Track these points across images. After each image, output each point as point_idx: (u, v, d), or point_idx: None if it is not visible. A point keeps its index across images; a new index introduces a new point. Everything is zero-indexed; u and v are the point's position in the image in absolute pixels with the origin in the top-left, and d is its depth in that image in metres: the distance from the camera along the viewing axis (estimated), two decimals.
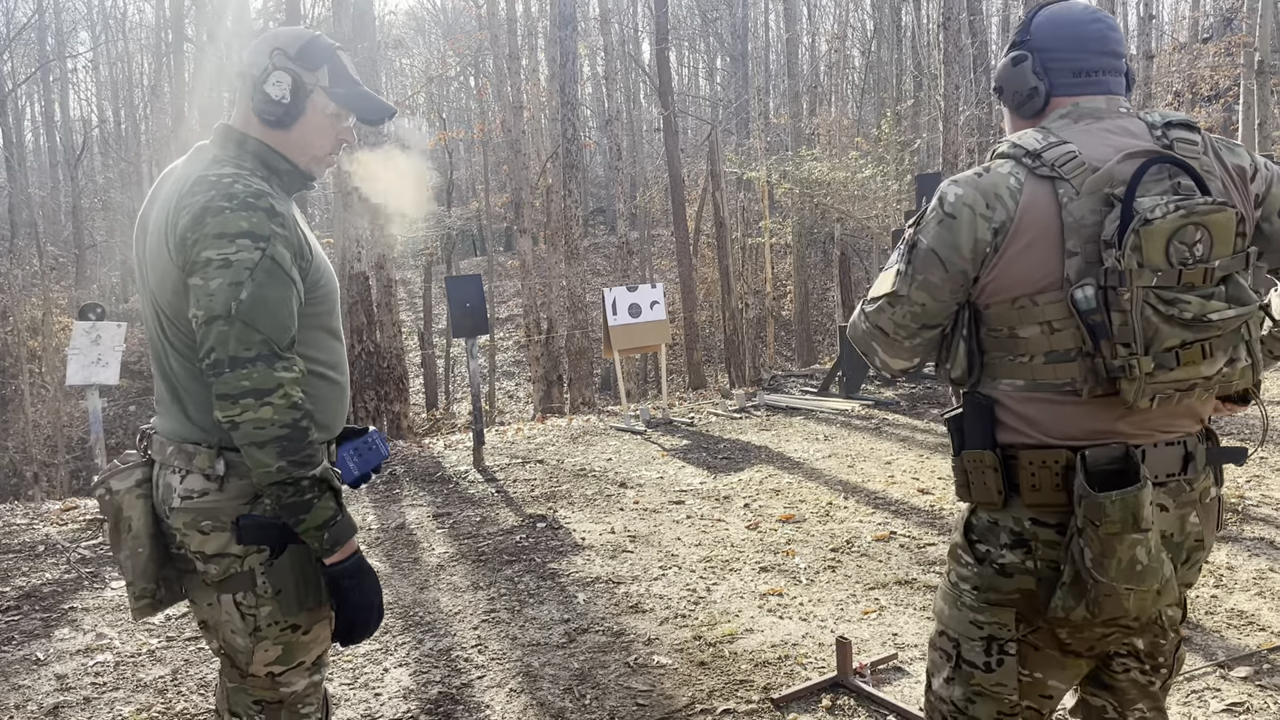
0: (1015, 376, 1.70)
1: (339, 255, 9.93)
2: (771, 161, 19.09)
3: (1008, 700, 1.77)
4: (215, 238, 1.78)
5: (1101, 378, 1.61)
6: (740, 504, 5.65)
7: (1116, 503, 1.55)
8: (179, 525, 1.91)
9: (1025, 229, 1.63)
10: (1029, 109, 1.77)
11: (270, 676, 1.96)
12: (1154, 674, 1.82)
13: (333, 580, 1.89)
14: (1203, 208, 1.55)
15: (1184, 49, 23.94)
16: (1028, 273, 1.64)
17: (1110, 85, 1.74)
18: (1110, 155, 1.62)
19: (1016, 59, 1.77)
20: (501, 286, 27.17)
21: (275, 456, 1.76)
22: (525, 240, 15.50)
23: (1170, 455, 1.68)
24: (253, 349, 1.77)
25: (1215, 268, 1.56)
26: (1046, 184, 1.63)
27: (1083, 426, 1.66)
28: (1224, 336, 1.58)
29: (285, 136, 1.97)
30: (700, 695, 3.31)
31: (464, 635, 3.94)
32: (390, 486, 6.54)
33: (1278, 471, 5.53)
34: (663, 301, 8.65)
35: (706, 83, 37.19)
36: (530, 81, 20.47)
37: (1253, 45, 16.29)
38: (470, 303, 7.05)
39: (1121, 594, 1.58)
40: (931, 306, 1.73)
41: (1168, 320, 1.55)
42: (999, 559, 1.73)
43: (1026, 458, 1.67)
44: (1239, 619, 3.67)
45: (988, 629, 1.76)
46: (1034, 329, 1.66)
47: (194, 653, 3.87)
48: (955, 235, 1.67)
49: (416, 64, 34.16)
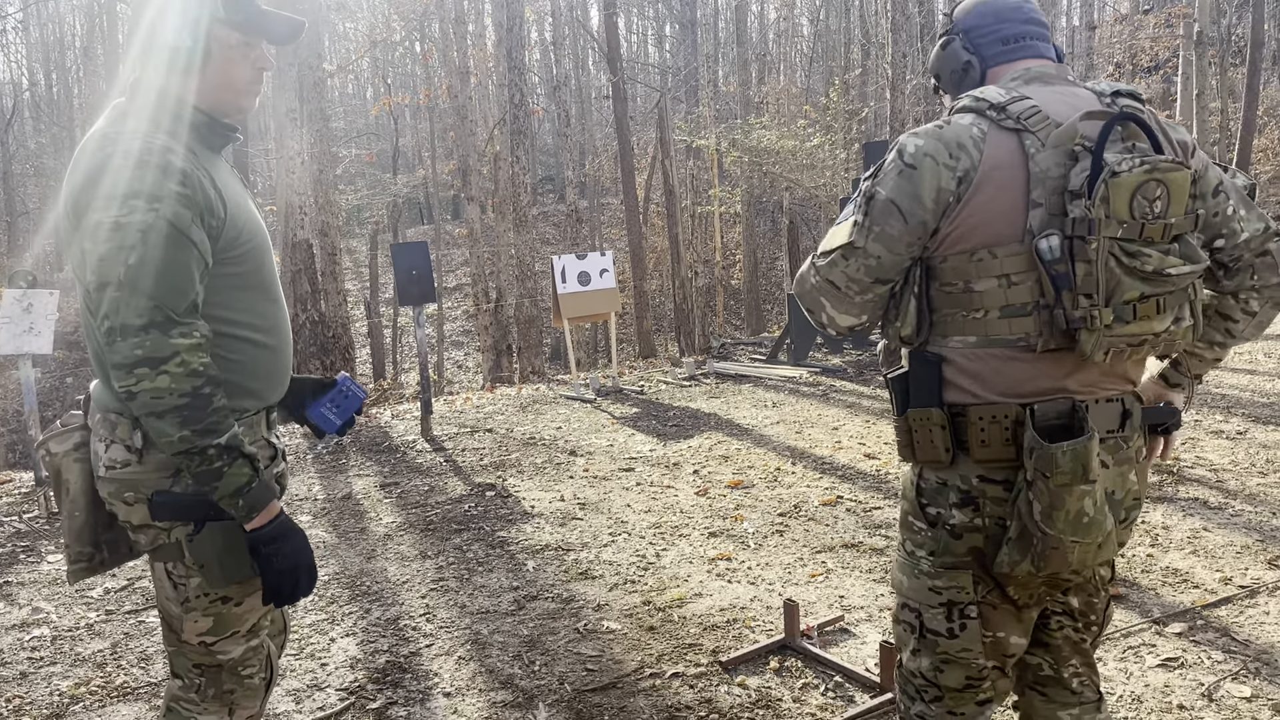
0: (967, 333, 1.71)
1: (282, 222, 9.73)
2: (721, 130, 19.06)
3: (975, 665, 1.79)
4: (107, 199, 1.69)
5: (1059, 330, 1.64)
6: (690, 470, 5.67)
7: (1068, 453, 1.58)
8: (105, 494, 1.87)
9: (989, 179, 1.65)
10: (967, 83, 1.82)
11: (203, 644, 1.93)
12: (1086, 631, 1.88)
13: (254, 545, 1.83)
14: (1164, 165, 1.59)
15: (1125, 20, 24.25)
16: (990, 224, 1.66)
17: (1040, 49, 1.80)
18: (1069, 113, 1.66)
19: (945, 43, 1.85)
20: (449, 255, 26.89)
21: (176, 426, 1.70)
22: (473, 208, 15.32)
23: (1110, 411, 1.71)
24: (145, 316, 1.68)
25: (1171, 224, 1.61)
26: (1012, 135, 1.65)
27: (1032, 383, 1.69)
28: (1175, 294, 1.63)
29: (202, 81, 1.85)
30: (649, 659, 3.33)
31: (412, 604, 3.91)
32: (336, 457, 6.46)
33: (1212, 434, 5.67)
34: (612, 270, 8.62)
35: (655, 50, 36.94)
36: (477, 47, 20.17)
37: (1192, 16, 16.54)
38: (417, 270, 6.95)
39: (1067, 546, 1.62)
40: (886, 259, 1.72)
41: (1129, 272, 1.58)
42: (949, 520, 1.75)
43: (976, 414, 1.69)
44: (1174, 577, 3.76)
45: (946, 594, 1.78)
46: (991, 282, 1.67)
47: (134, 626, 3.80)
48: (916, 185, 1.67)
49: (360, 28, 33.45)
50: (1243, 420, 5.91)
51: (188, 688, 1.98)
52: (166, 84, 1.84)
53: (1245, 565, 3.82)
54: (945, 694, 1.83)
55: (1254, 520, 4.28)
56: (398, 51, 28.90)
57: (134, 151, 1.72)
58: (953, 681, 1.82)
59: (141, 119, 1.79)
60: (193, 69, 1.84)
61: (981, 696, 1.83)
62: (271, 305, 1.96)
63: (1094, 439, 1.60)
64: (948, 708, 1.84)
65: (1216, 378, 7.06)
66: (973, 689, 1.82)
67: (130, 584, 4.22)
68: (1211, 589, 3.63)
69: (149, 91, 1.84)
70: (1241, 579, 3.70)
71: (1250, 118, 21.52)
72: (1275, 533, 4.12)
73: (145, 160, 1.71)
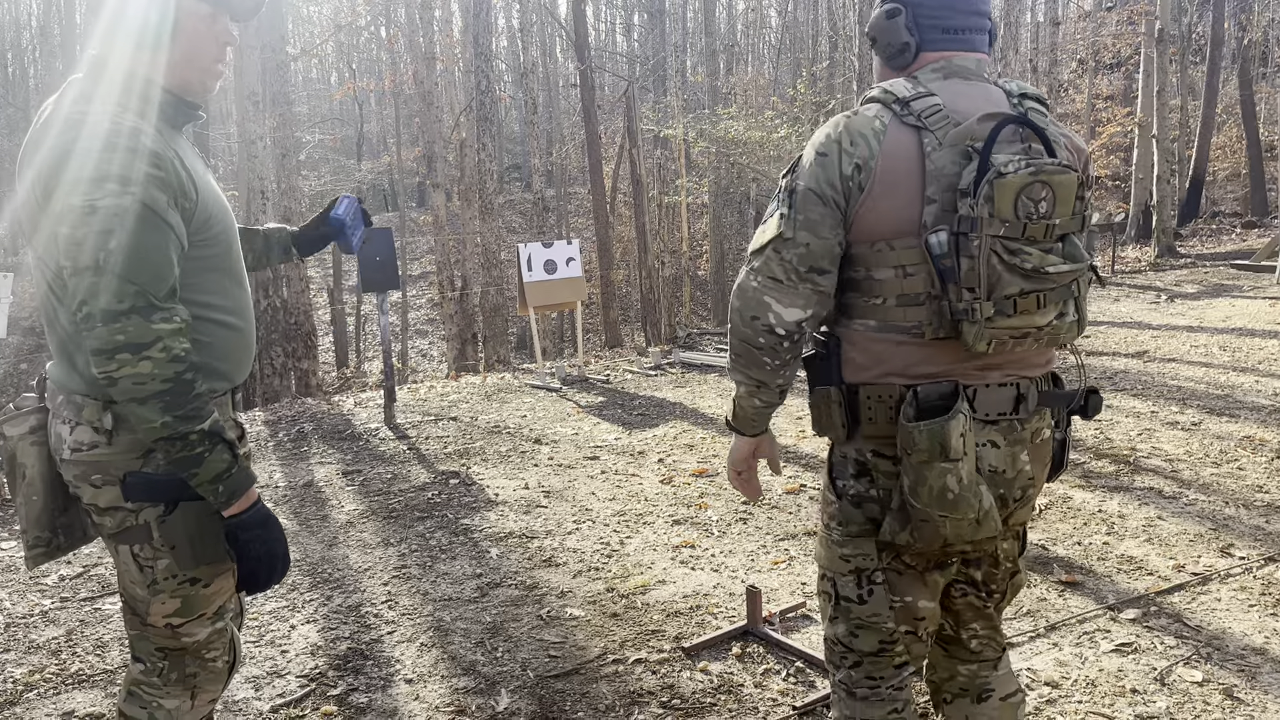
0: (868, 317, 1.79)
1: (243, 208, 9.62)
2: (688, 120, 19.04)
3: (886, 629, 1.89)
4: (80, 182, 1.66)
5: (945, 320, 1.72)
6: (654, 459, 5.68)
7: (924, 432, 1.67)
8: (70, 477, 1.84)
9: (888, 173, 1.71)
10: (899, 61, 1.85)
11: (170, 627, 1.91)
12: (988, 599, 1.98)
13: (231, 532, 1.82)
14: (1050, 168, 1.66)
15: (1089, 17, 24.53)
16: (889, 216, 1.72)
17: (976, 43, 1.84)
18: (972, 112, 1.72)
19: (891, 12, 1.84)
20: (415, 243, 26.69)
21: (159, 412, 1.68)
22: (439, 195, 15.22)
23: (1002, 395, 1.78)
24: (126, 301, 1.65)
25: (1055, 225, 1.68)
26: (912, 132, 1.72)
27: (921, 367, 1.77)
28: (1057, 290, 1.70)
29: (170, 58, 1.82)
30: (612, 646, 3.33)
31: (374, 591, 3.89)
32: (298, 444, 6.40)
33: (1168, 425, 5.77)
34: (579, 259, 8.59)
35: (624, 39, 36.85)
36: (443, 32, 19.99)
37: (1154, 14, 16.75)
38: (380, 257, 6.89)
39: (936, 520, 1.70)
40: (815, 245, 1.76)
41: (1010, 269, 1.65)
42: (849, 490, 1.87)
43: (865, 392, 1.79)
44: (1129, 564, 3.83)
45: (854, 561, 1.89)
46: (889, 272, 1.75)
47: (89, 613, 3.74)
48: (828, 171, 1.74)
49: (325, 11, 33.06)
50: (1197, 412, 6.01)
51: (150, 671, 1.97)
52: (133, 61, 1.80)
53: (1198, 553, 3.90)
54: (863, 659, 1.92)
55: (1207, 509, 4.36)
56: (363, 36, 28.61)
57: (103, 133, 1.69)
58: (867, 646, 1.91)
59: (109, 98, 1.76)
60: (161, 45, 1.80)
61: (897, 660, 1.92)
62: (239, 287, 1.96)
63: (954, 420, 1.67)
64: (866, 672, 1.93)
65: (1173, 369, 7.19)
66: (886, 653, 1.91)
67: (86, 570, 4.16)
68: (1165, 576, 3.70)
69: (114, 69, 1.80)
70: (1194, 566, 3.77)
71: (1209, 115, 21.87)
72: (1227, 522, 4.21)
73: (115, 142, 1.68)
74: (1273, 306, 9.76)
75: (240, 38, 2.20)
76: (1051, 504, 4.51)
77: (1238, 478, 4.76)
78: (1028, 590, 3.60)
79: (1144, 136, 17.21)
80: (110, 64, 1.80)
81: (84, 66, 1.82)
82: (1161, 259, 15.21)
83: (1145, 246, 16.71)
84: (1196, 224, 20.87)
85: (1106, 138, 22.94)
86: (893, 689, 1.94)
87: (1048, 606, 3.48)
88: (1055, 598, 3.55)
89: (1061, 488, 4.72)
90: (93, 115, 1.72)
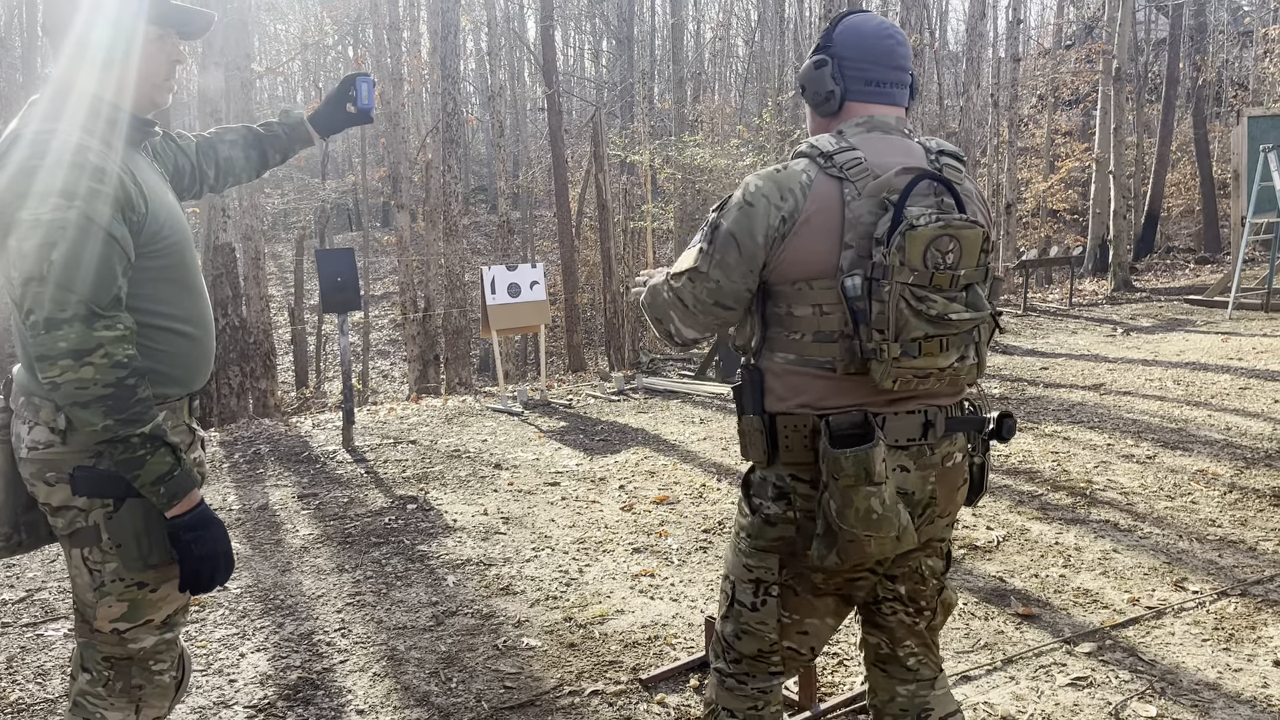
0: (788, 351, 1.91)
1: (204, 225, 9.50)
2: (655, 146, 19.13)
3: (768, 639, 2.04)
4: (27, 197, 1.74)
5: (856, 358, 1.85)
6: (615, 486, 5.65)
7: (850, 458, 1.78)
8: (27, 475, 1.91)
9: (811, 220, 1.84)
10: (826, 109, 1.99)
11: (116, 633, 1.94)
12: (918, 616, 2.09)
13: (174, 533, 1.87)
14: (958, 223, 1.80)
15: (1048, 54, 25.03)
16: (810, 259, 1.85)
17: (896, 97, 1.98)
18: (891, 166, 1.85)
19: (818, 63, 1.97)
20: (378, 263, 26.53)
21: (100, 416, 1.75)
22: (403, 216, 15.15)
23: (910, 422, 1.90)
24: (68, 309, 1.73)
25: (960, 275, 1.82)
26: (835, 183, 1.85)
27: (832, 399, 1.90)
28: (960, 335, 1.84)
29: (122, 76, 1.90)
30: (569, 677, 3.29)
31: (327, 619, 3.82)
32: (254, 466, 6.30)
33: (1124, 458, 5.83)
34: (543, 282, 8.57)
35: (592, 64, 37.01)
36: (411, 54, 19.98)
37: (1111, 53, 17.11)
38: (342, 277, 6.82)
39: (862, 540, 1.81)
40: (725, 285, 1.91)
41: (916, 314, 1.78)
42: (766, 509, 1.98)
43: (782, 421, 1.91)
44: (1085, 597, 3.85)
45: (756, 572, 2.02)
46: (808, 309, 1.88)
47: (31, 640, 3.64)
48: (752, 221, 1.87)
49: (292, 30, 32.93)
50: (1152, 445, 6.09)
51: (95, 681, 1.98)
52: (87, 80, 1.89)
53: (1153, 587, 3.93)
54: (741, 659, 2.09)
55: (1161, 543, 4.41)
56: (330, 55, 28.49)
57: (56, 151, 1.77)
58: (747, 649, 2.07)
59: (66, 119, 1.83)
60: (113, 64, 1.89)
61: (773, 669, 2.08)
62: (194, 297, 2.02)
63: (877, 447, 1.78)
64: (743, 670, 2.10)
65: (1129, 403, 7.29)
66: (764, 659, 2.06)
67: (29, 595, 4.05)
68: (1120, 609, 3.72)
69: (68, 88, 1.88)
70: (1149, 600, 3.80)
71: (1164, 152, 22.36)
72: (1181, 555, 4.25)
73: (67, 159, 1.77)
74: (1225, 341, 9.95)
75: (205, 54, 2.27)
76: (1009, 536, 4.54)
77: (1191, 511, 4.82)
78: (985, 622, 3.61)
79: (1101, 172, 17.53)
80: (64, 83, 1.89)
81: (47, 88, 1.89)
82: (1118, 292, 15.47)
83: (1102, 280, 16.98)
84: (1152, 259, 21.28)
85: (1065, 172, 23.38)
86: (758, 690, 2.10)
87: (1005, 639, 3.49)
88: (1013, 630, 3.56)
89: (1019, 519, 4.75)
90: (44, 134, 1.80)
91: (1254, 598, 3.78)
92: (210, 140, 2.33)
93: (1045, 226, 24.00)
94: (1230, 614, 3.64)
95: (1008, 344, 10.54)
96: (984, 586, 3.97)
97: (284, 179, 26.81)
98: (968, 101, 18.06)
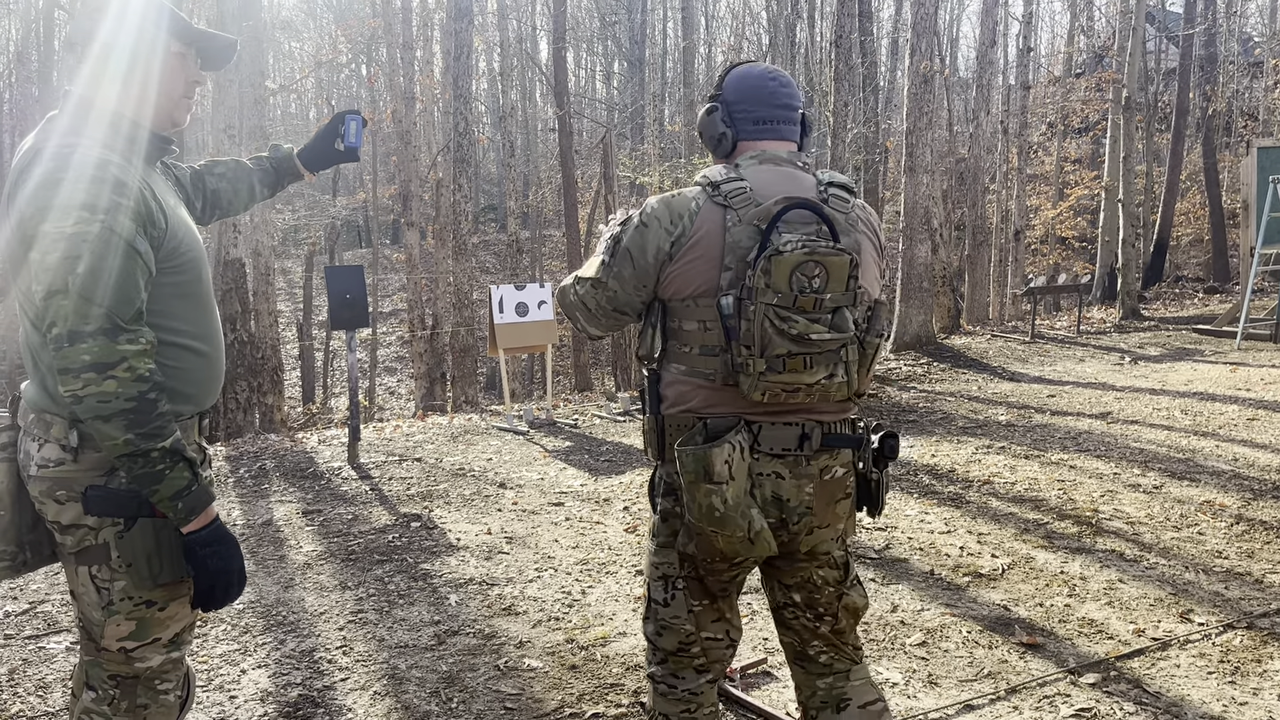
0: (680, 362, 2.08)
1: (214, 240, 9.55)
2: (665, 168, 19.20)
3: (684, 630, 2.17)
4: (50, 210, 1.75)
5: (729, 371, 1.99)
6: (620, 507, 5.64)
7: (690, 455, 1.93)
8: (36, 493, 1.90)
9: (697, 244, 2.01)
10: (721, 150, 2.16)
11: (123, 651, 1.93)
12: (819, 621, 2.21)
13: (190, 548, 1.87)
14: (824, 249, 1.93)
15: (1058, 82, 25.10)
16: (695, 278, 2.02)
17: (785, 133, 2.14)
18: (776, 195, 2.00)
19: (710, 109, 2.15)
20: (386, 280, 26.61)
21: (122, 429, 1.75)
22: (413, 234, 15.21)
23: (786, 433, 2.04)
24: (92, 323, 1.74)
25: (826, 299, 1.95)
26: (720, 210, 2.01)
27: (715, 407, 2.04)
28: (824, 354, 1.96)
29: (142, 94, 1.92)
30: (570, 699, 3.28)
31: (329, 636, 3.81)
32: (259, 481, 6.31)
33: (1130, 487, 5.81)
34: (551, 301, 8.58)
35: (603, 86, 37.23)
36: (424, 73, 20.11)
37: (1121, 82, 17.15)
38: (351, 294, 6.85)
39: (708, 535, 1.96)
40: (621, 295, 2.10)
41: (779, 333, 1.92)
42: (661, 505, 2.15)
43: (669, 422, 2.08)
44: (1089, 628, 3.83)
45: (662, 568, 2.18)
46: (694, 325, 2.04)
47: (33, 652, 3.64)
48: (645, 240, 2.05)
49: (306, 48, 33.21)
50: (1159, 475, 6.07)
51: (100, 700, 1.97)
52: (107, 96, 1.91)
53: (1158, 618, 3.91)
54: (667, 657, 2.20)
55: (1167, 574, 4.39)
56: (343, 74, 28.71)
57: (78, 165, 1.78)
58: (668, 644, 2.19)
59: (88, 134, 1.85)
60: (133, 80, 1.91)
61: (697, 662, 2.19)
62: (208, 314, 2.04)
63: (718, 448, 1.92)
64: (671, 669, 2.21)
65: (1136, 432, 7.26)
66: (685, 653, 2.18)
67: (32, 608, 4.05)
68: (1125, 640, 3.70)
69: (88, 104, 1.90)
70: (1154, 631, 3.78)
71: (1174, 181, 22.36)
72: (1187, 587, 4.22)
73: (89, 173, 1.78)
74: (1233, 372, 9.91)
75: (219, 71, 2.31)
76: (1014, 564, 4.52)
77: (1198, 542, 4.79)
78: (989, 651, 3.59)
79: (1110, 200, 17.54)
80: (85, 99, 1.90)
81: (68, 102, 1.91)
82: (1126, 321, 15.45)
83: (1110, 308, 16.96)
84: (1160, 287, 21.24)
85: (1074, 199, 23.40)
86: (689, 692, 2.20)
87: (1009, 669, 3.47)
88: (1016, 660, 3.54)
89: (1024, 548, 4.73)
90: (70, 149, 1.81)
91: (1261, 630, 3.75)
92: (200, 172, 2.35)
93: (1054, 253, 24.02)
94: (1236, 647, 3.62)
95: (1015, 370, 10.53)
96: (988, 615, 3.95)
97: (295, 195, 26.94)
98: (977, 128, 18.11)
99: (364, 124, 2.51)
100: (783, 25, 26.80)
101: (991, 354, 11.69)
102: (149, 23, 1.91)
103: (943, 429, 7.64)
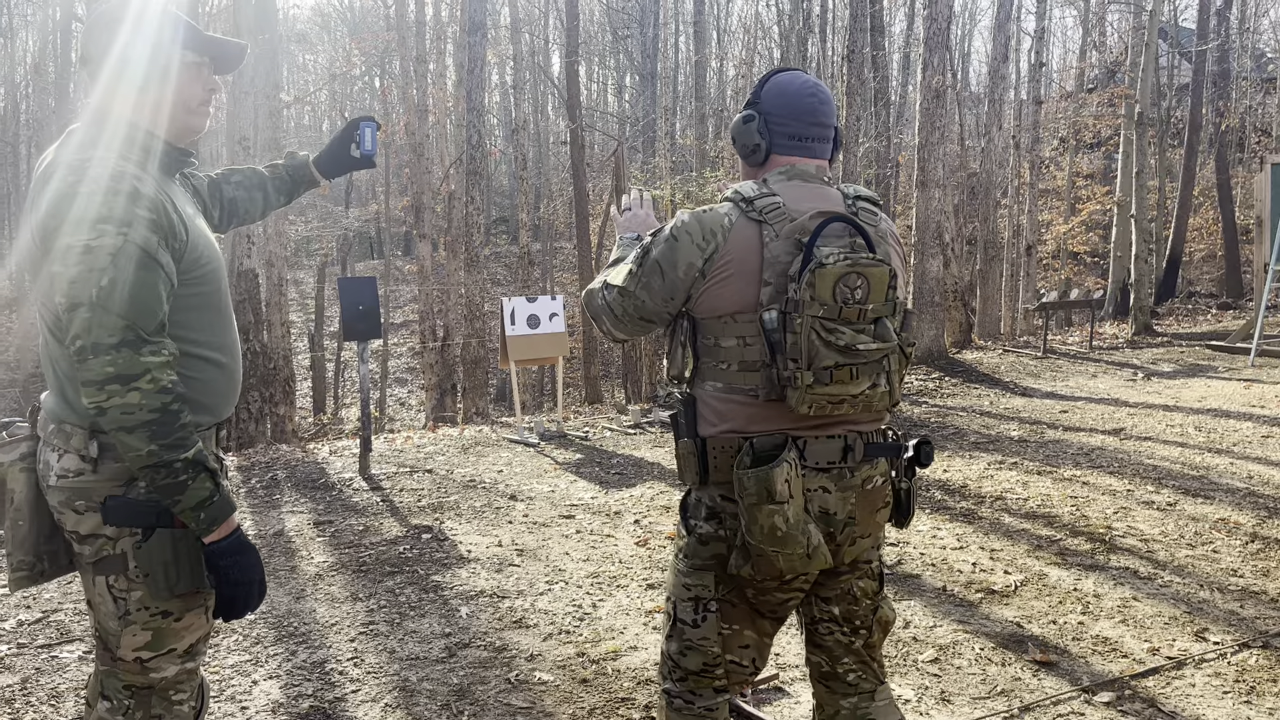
0: (717, 379, 2.06)
1: (228, 251, 9.60)
2: (676, 181, 19.23)
3: (711, 652, 2.15)
4: (75, 223, 1.76)
5: (774, 385, 1.98)
6: (631, 520, 5.64)
7: (752, 477, 1.91)
8: (55, 503, 1.91)
9: (732, 260, 2.00)
10: (753, 160, 2.15)
11: (139, 661, 1.94)
12: (854, 635, 2.20)
13: (211, 558, 1.88)
14: (865, 261, 1.95)
15: (1070, 97, 25.06)
16: (732, 295, 2.01)
17: (817, 151, 2.14)
18: (808, 210, 2.01)
19: (747, 118, 2.14)
20: (398, 291, 26.70)
21: (145, 441, 1.76)
22: (425, 245, 15.26)
23: (831, 446, 2.04)
24: (116, 335, 1.75)
25: (869, 310, 1.97)
26: (755, 225, 2.01)
27: (758, 424, 2.03)
28: (869, 365, 1.97)
29: (160, 104, 1.94)
30: (581, 713, 3.27)
31: (340, 647, 3.81)
32: (270, 492, 6.32)
33: (1143, 504, 5.78)
34: (562, 314, 8.60)
35: (615, 99, 37.34)
36: (437, 86, 20.21)
37: (1134, 97, 17.14)
38: (363, 305, 6.88)
39: (770, 555, 1.94)
40: (649, 305, 2.10)
41: (826, 345, 1.93)
42: (699, 529, 2.11)
43: (711, 444, 2.05)
44: (1104, 645, 3.80)
45: (694, 590, 2.13)
46: (732, 341, 2.03)
47: (45, 661, 3.65)
48: (675, 254, 2.04)
49: (320, 61, 33.43)
50: (1173, 492, 6.03)
51: (115, 710, 1.98)
52: (123, 107, 1.92)
53: (1173, 636, 3.88)
54: (687, 676, 2.18)
55: (1182, 591, 4.36)
56: (357, 86, 28.89)
57: (94, 177, 1.79)
58: (692, 665, 2.16)
59: (104, 145, 1.86)
60: (149, 90, 1.93)
61: (717, 684, 2.17)
62: (227, 325, 2.06)
63: (779, 468, 1.91)
64: (689, 688, 2.19)
65: (1149, 448, 7.22)
66: (708, 674, 2.16)
67: (45, 617, 4.06)
68: (1139, 659, 3.67)
69: (104, 115, 1.92)
70: (1169, 650, 3.75)
71: (1186, 197, 22.30)
72: (1202, 605, 4.20)
73: (105, 185, 1.79)
74: (1247, 388, 9.86)
75: (235, 83, 2.33)
76: (1027, 581, 4.50)
77: (1212, 560, 4.76)
78: (1002, 668, 3.57)
79: (1123, 215, 17.50)
80: (105, 111, 1.92)
81: (85, 115, 1.92)
82: (1139, 336, 15.39)
83: (1122, 323, 16.90)
84: (1173, 303, 21.16)
85: (1086, 215, 23.33)
86: (704, 708, 2.18)
87: (1022, 686, 3.45)
88: (1029, 677, 3.52)
89: (1037, 564, 4.71)
90: (91, 162, 1.82)
91: (1276, 650, 3.72)
92: (216, 181, 2.37)
93: (1066, 269, 23.94)
94: (1252, 666, 3.59)
95: (1027, 386, 10.49)
96: (1001, 632, 3.93)
97: (308, 206, 27.08)
98: (989, 143, 18.09)
99: (378, 129, 2.54)
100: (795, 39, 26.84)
101: (1003, 369, 11.65)
102: (165, 37, 1.93)
103: (954, 444, 7.61)
